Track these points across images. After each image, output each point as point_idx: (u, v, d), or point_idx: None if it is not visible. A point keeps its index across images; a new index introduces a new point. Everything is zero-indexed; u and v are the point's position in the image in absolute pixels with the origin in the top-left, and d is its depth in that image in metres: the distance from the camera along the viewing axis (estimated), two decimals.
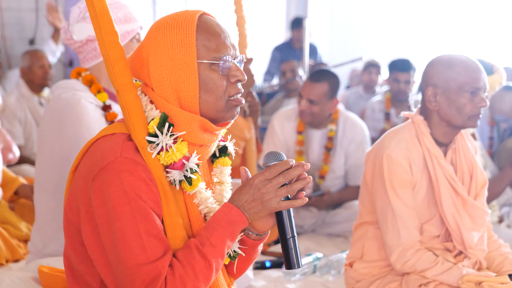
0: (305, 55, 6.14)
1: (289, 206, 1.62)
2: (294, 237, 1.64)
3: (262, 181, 1.60)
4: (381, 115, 5.80)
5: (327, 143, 4.38)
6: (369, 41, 10.82)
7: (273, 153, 1.66)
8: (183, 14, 1.64)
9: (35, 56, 5.40)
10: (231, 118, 1.68)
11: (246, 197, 1.61)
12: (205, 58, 1.62)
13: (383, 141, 2.63)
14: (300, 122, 4.40)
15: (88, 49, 2.69)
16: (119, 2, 2.70)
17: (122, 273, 1.52)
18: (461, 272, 2.47)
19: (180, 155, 1.61)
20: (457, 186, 2.58)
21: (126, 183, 1.54)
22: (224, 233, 1.58)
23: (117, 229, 1.53)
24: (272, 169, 1.61)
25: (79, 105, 2.57)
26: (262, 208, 1.60)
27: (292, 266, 1.64)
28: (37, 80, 5.36)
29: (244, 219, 1.61)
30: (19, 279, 2.05)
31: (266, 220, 1.69)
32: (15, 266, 3.62)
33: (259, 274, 3.58)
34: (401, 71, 5.62)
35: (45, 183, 2.68)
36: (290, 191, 1.61)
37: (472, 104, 2.51)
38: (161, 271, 1.52)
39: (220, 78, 1.63)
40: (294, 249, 1.64)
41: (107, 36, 1.66)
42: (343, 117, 4.42)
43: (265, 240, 1.77)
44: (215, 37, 1.63)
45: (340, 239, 4.33)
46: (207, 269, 1.56)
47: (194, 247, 1.57)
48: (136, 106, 1.63)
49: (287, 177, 1.61)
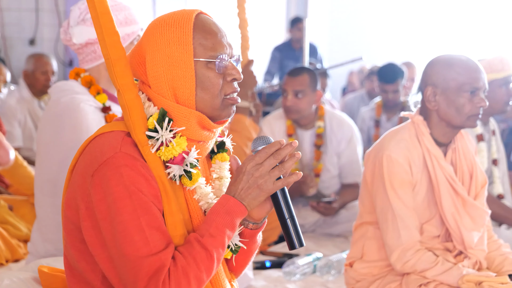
0: (305, 55, 6.14)
1: (285, 184, 1.62)
2: (293, 217, 1.64)
3: (254, 166, 1.61)
4: (371, 123, 5.80)
5: (316, 141, 4.41)
6: (369, 41, 10.82)
7: (260, 138, 1.67)
8: (180, 13, 1.66)
9: (39, 62, 5.39)
10: (227, 117, 1.69)
11: (241, 185, 1.62)
12: (201, 57, 1.63)
13: (383, 142, 2.63)
14: (289, 125, 4.42)
15: (87, 51, 2.68)
16: (120, 4, 2.69)
17: (125, 266, 1.53)
18: (461, 272, 2.47)
19: (180, 150, 1.62)
20: (457, 186, 2.58)
21: (126, 177, 1.55)
22: (222, 223, 1.59)
23: (118, 223, 1.53)
24: (261, 152, 1.62)
25: (78, 109, 2.57)
26: (259, 192, 1.61)
27: (294, 246, 1.64)
28: (38, 86, 5.36)
29: (242, 208, 1.61)
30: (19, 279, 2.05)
31: (262, 206, 1.69)
32: (15, 266, 3.62)
33: (259, 274, 3.58)
34: (387, 83, 5.54)
35: (45, 186, 2.68)
36: (282, 170, 1.62)
37: (472, 104, 2.52)
38: (164, 262, 1.53)
39: (217, 77, 1.64)
40: (294, 229, 1.64)
41: (108, 36, 1.67)
42: (329, 114, 4.46)
43: (263, 228, 1.76)
44: (211, 35, 1.64)
45: (340, 239, 4.33)
46: (208, 259, 1.56)
47: (194, 240, 1.58)
48: (137, 105, 1.64)
49: (277, 158, 1.61)
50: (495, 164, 3.74)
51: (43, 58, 5.45)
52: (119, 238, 1.53)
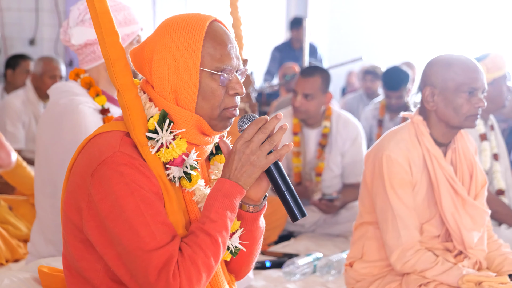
0: (305, 55, 6.14)
1: (278, 157, 1.63)
2: (290, 189, 1.64)
3: (243, 144, 1.62)
4: (374, 122, 5.80)
5: (321, 140, 4.42)
6: (369, 41, 10.82)
7: (245, 116, 1.67)
8: (195, 18, 1.65)
9: (48, 66, 5.36)
10: (222, 129, 1.69)
11: (234, 165, 1.62)
12: (207, 67, 1.63)
13: (382, 142, 2.63)
14: (296, 124, 4.42)
15: (87, 51, 2.68)
16: (119, 3, 2.68)
17: (134, 262, 1.53)
18: (461, 272, 2.47)
19: (180, 151, 1.62)
20: (457, 186, 2.58)
21: (126, 175, 1.55)
22: (222, 206, 1.59)
23: (123, 221, 1.53)
24: (248, 129, 1.62)
25: (77, 110, 2.57)
26: (253, 169, 1.61)
27: (296, 217, 1.65)
28: (45, 89, 5.33)
29: (239, 188, 1.61)
30: (19, 279, 2.05)
31: (259, 185, 1.69)
32: (15, 266, 3.62)
33: (259, 274, 3.58)
34: (391, 90, 5.51)
35: (45, 187, 2.68)
36: (272, 143, 1.62)
37: (470, 104, 2.51)
38: (172, 254, 1.53)
39: (219, 89, 1.64)
40: (293, 200, 1.65)
41: (108, 36, 1.67)
42: (336, 115, 4.47)
43: (264, 211, 1.76)
44: (221, 46, 1.64)
45: (340, 239, 4.33)
46: (214, 244, 1.57)
47: (196, 229, 1.58)
48: (136, 106, 1.64)
49: (265, 132, 1.62)
50: (496, 158, 3.74)
51: (52, 62, 5.41)
52: (125, 235, 1.53)
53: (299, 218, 1.65)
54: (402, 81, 5.50)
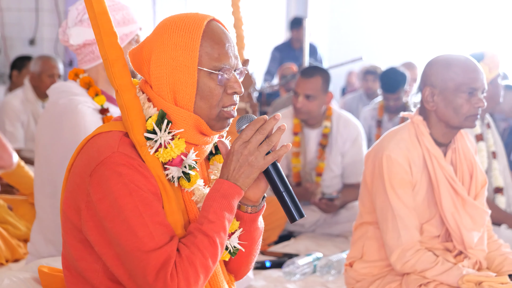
0: (305, 55, 6.14)
1: (276, 158, 1.63)
2: (289, 190, 1.64)
3: (241, 144, 1.62)
4: (373, 122, 5.80)
5: (322, 140, 4.42)
6: (369, 41, 10.82)
7: (243, 117, 1.67)
8: (192, 17, 1.65)
9: (47, 65, 5.36)
10: (221, 129, 1.68)
11: (232, 165, 1.62)
12: (205, 66, 1.63)
13: (382, 142, 2.63)
14: (296, 124, 4.42)
15: (85, 52, 2.68)
16: (118, 3, 2.68)
17: (133, 262, 1.54)
18: (461, 272, 2.47)
19: (179, 152, 1.62)
20: (457, 186, 2.58)
21: (125, 175, 1.55)
22: (220, 207, 1.59)
23: (122, 222, 1.54)
24: (246, 130, 1.62)
25: (76, 110, 2.57)
26: (251, 169, 1.61)
27: (295, 218, 1.65)
28: (44, 88, 5.33)
29: (237, 189, 1.61)
30: (19, 279, 2.05)
31: (257, 185, 1.69)
32: (15, 266, 3.62)
33: (259, 274, 3.58)
34: (389, 93, 5.51)
35: (45, 187, 2.68)
36: (270, 144, 1.62)
37: (469, 104, 2.51)
38: (170, 254, 1.53)
39: (217, 88, 1.64)
40: (291, 201, 1.65)
41: (106, 36, 1.67)
42: (337, 115, 4.47)
43: (262, 212, 1.76)
44: (219, 45, 1.64)
45: (340, 239, 4.33)
46: (212, 245, 1.57)
47: (194, 229, 1.59)
48: (135, 106, 1.64)
49: (263, 133, 1.62)
50: (494, 156, 3.73)
51: (50, 61, 5.41)
52: (123, 235, 1.53)
53: (297, 219, 1.65)
54: (399, 83, 5.49)
